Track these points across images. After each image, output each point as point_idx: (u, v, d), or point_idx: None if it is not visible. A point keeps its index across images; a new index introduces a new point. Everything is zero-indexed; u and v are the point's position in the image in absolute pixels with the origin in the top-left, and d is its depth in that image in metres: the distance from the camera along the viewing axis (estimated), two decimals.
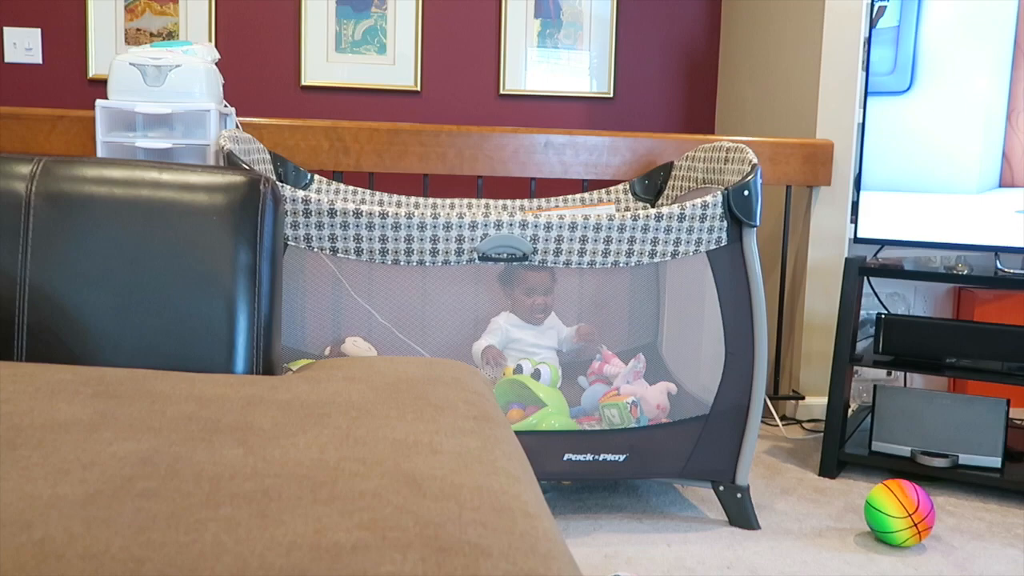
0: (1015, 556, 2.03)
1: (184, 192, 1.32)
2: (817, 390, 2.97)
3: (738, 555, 1.98)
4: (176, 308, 1.28)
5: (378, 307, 2.10)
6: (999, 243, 2.40)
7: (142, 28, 3.35)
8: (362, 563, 0.63)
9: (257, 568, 0.62)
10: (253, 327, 1.29)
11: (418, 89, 3.51)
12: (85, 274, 1.27)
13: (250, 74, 3.40)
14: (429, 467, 0.83)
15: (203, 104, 2.22)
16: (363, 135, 2.64)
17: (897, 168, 2.51)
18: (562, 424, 2.06)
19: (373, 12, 3.44)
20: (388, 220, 1.95)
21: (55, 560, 0.62)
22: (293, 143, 2.60)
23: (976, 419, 2.38)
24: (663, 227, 2.01)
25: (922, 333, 2.46)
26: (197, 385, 1.07)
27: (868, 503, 2.06)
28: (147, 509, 0.70)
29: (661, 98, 3.72)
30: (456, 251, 1.99)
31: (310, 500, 0.73)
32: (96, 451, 0.82)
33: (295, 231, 1.94)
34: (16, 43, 3.32)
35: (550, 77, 3.60)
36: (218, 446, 0.85)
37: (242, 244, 1.30)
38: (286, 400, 1.03)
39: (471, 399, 1.09)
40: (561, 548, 0.72)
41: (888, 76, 2.50)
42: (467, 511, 0.73)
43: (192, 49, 2.29)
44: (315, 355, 2.14)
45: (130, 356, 1.24)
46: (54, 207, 1.28)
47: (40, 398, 0.97)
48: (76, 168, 1.33)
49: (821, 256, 2.97)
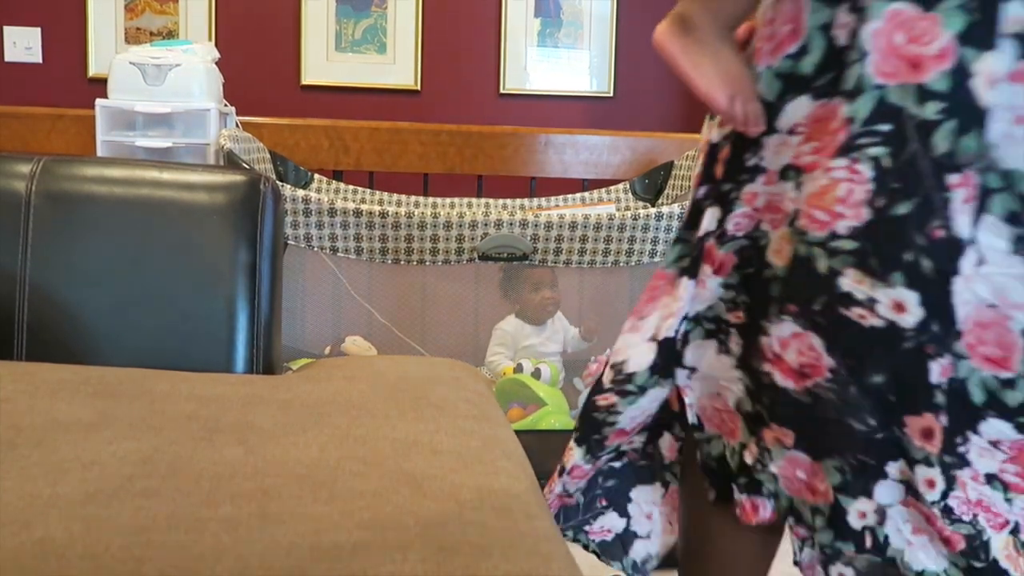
0: None
1: (184, 191, 1.32)
2: None
3: None
4: (176, 307, 1.28)
5: (378, 307, 2.10)
6: None
7: (142, 27, 3.35)
8: (362, 563, 0.63)
9: (257, 568, 0.62)
10: (253, 327, 1.29)
11: (418, 89, 3.51)
12: (85, 274, 1.27)
13: (250, 74, 3.40)
14: (429, 467, 0.83)
15: (203, 103, 2.22)
16: (363, 134, 2.64)
17: None
18: (562, 423, 2.06)
19: (373, 11, 3.44)
20: (388, 219, 1.95)
21: (55, 560, 0.62)
22: (293, 142, 2.59)
23: None
24: (663, 226, 2.01)
25: None
26: (197, 385, 1.07)
27: None
28: (147, 509, 0.70)
29: (661, 97, 3.72)
30: (456, 251, 1.99)
31: (310, 500, 0.73)
32: (96, 451, 0.82)
33: (295, 230, 1.94)
34: (16, 42, 3.32)
35: (550, 76, 3.60)
36: (218, 446, 0.85)
37: (242, 243, 1.30)
38: (286, 400, 1.03)
39: (471, 399, 1.09)
40: (561, 548, 0.72)
41: None
42: (467, 511, 0.73)
43: (192, 48, 2.29)
44: (315, 355, 2.14)
45: (130, 356, 1.24)
46: (54, 207, 1.28)
47: (40, 398, 0.97)
48: (76, 167, 1.33)
49: None
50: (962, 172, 0.82)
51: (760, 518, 1.02)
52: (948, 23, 0.80)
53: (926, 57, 0.81)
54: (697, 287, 0.99)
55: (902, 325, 0.85)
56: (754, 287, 0.97)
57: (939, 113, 0.81)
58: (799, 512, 0.99)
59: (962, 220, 0.82)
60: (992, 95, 0.80)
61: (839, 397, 0.89)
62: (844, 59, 0.85)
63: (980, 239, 0.83)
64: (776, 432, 0.96)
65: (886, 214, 0.84)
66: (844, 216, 0.85)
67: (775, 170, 0.93)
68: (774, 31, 0.90)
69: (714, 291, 0.99)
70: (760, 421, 0.98)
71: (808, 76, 0.88)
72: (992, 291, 0.84)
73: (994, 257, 0.83)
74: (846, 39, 0.85)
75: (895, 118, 0.83)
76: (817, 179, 0.87)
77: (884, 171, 0.83)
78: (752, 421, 0.99)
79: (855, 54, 0.84)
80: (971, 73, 0.80)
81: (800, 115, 0.89)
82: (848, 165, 0.85)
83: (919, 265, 0.83)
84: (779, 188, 0.93)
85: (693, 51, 0.94)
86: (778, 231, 0.93)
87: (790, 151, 0.91)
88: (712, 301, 1.00)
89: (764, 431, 0.98)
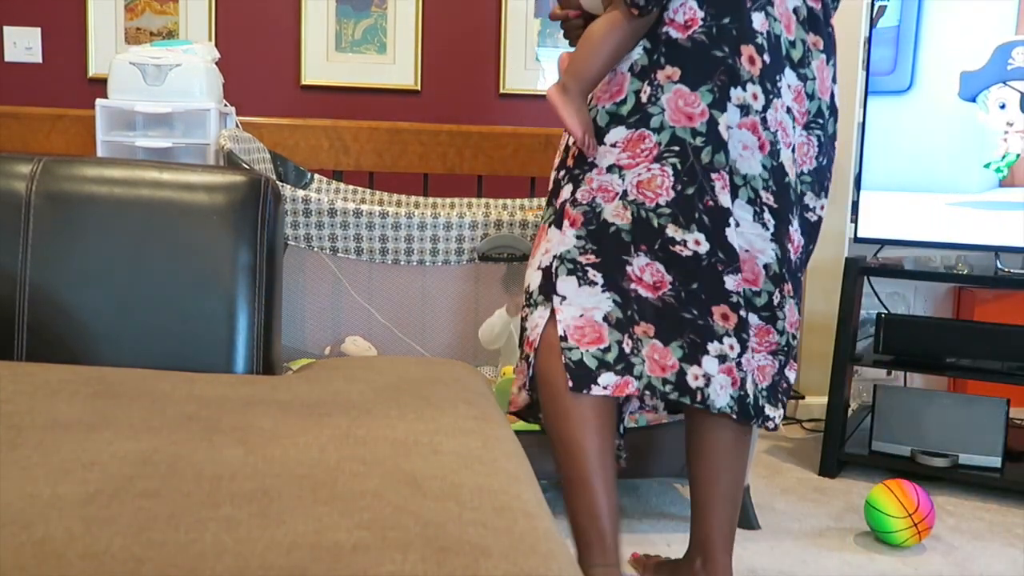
0: (1015, 556, 2.03)
1: (184, 192, 1.32)
2: (817, 390, 2.97)
3: (738, 555, 1.98)
4: (176, 308, 1.28)
5: (378, 307, 2.10)
6: (999, 243, 2.40)
7: (142, 27, 3.35)
8: (362, 563, 0.63)
9: (257, 568, 0.62)
10: (253, 327, 1.29)
11: (418, 89, 3.51)
12: (85, 274, 1.27)
13: (250, 74, 3.40)
14: (429, 467, 0.83)
15: (203, 103, 2.22)
16: (363, 134, 2.64)
17: (897, 168, 2.51)
18: None
19: (373, 11, 3.44)
20: (388, 219, 1.95)
21: (55, 560, 0.62)
22: (293, 142, 2.60)
23: (976, 419, 2.38)
24: None
25: (922, 333, 2.46)
26: (197, 385, 1.07)
27: (868, 503, 2.06)
28: (147, 509, 0.70)
29: None
30: (456, 251, 1.99)
31: (310, 500, 0.73)
32: (96, 451, 0.82)
33: (295, 231, 1.94)
34: (16, 42, 3.32)
35: (550, 76, 3.60)
36: (218, 446, 0.85)
37: (242, 244, 1.30)
38: (286, 400, 1.03)
39: (471, 399, 1.09)
40: (561, 548, 0.72)
41: (888, 76, 2.50)
42: (467, 511, 0.73)
43: (192, 48, 2.29)
44: (315, 355, 2.13)
45: (130, 356, 1.24)
46: (54, 207, 1.28)
47: (40, 398, 0.97)
48: (76, 168, 1.33)
49: (821, 256, 2.96)
50: (719, 172, 1.48)
51: (628, 392, 1.53)
52: (703, 97, 1.47)
53: (695, 113, 1.48)
54: (561, 234, 1.56)
55: (700, 253, 1.51)
56: (603, 239, 1.54)
57: (702, 142, 1.48)
58: (653, 386, 1.54)
59: (724, 197, 1.49)
60: (727, 135, 1.48)
61: (676, 299, 1.53)
62: (646, 109, 1.49)
63: (736, 212, 1.50)
64: (643, 327, 1.54)
65: (683, 193, 1.50)
66: (662, 195, 1.50)
67: (603, 167, 1.53)
68: (609, 88, 1.53)
69: (571, 239, 1.56)
70: (632, 322, 1.54)
71: (624, 115, 1.51)
72: (746, 242, 1.52)
73: (744, 223, 1.51)
74: (647, 99, 1.49)
75: (681, 144, 1.49)
76: (641, 174, 1.50)
77: (678, 171, 1.49)
78: (623, 324, 1.54)
79: (657, 108, 1.48)
80: (717, 122, 1.47)
81: (618, 137, 1.51)
82: (660, 167, 1.50)
83: (703, 220, 1.50)
84: (607, 177, 1.53)
85: (567, 105, 1.54)
86: (611, 204, 1.53)
87: (612, 157, 1.52)
88: (569, 246, 1.55)
89: (635, 328, 1.54)
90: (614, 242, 1.53)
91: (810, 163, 1.57)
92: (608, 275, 1.53)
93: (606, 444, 1.56)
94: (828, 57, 1.56)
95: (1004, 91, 2.35)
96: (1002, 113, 2.36)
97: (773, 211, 1.51)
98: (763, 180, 1.50)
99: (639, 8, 1.46)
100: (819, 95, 1.54)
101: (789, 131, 1.51)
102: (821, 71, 1.55)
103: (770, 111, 1.48)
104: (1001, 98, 2.35)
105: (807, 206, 1.59)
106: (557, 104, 1.55)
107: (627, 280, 1.53)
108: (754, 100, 1.47)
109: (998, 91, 2.36)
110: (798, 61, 1.51)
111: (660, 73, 1.48)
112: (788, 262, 1.55)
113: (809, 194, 1.59)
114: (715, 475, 1.62)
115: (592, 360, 1.52)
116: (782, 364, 1.61)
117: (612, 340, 1.53)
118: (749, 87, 1.47)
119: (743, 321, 1.52)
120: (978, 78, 2.38)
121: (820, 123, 1.56)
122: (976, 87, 2.38)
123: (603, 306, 1.53)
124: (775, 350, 1.59)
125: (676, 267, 1.51)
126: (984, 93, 2.37)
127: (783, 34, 1.49)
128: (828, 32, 1.57)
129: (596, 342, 1.53)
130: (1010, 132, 2.36)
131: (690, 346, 1.53)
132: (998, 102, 2.36)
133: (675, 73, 1.47)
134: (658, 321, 1.53)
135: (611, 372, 1.52)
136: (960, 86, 2.40)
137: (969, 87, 2.39)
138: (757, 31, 1.47)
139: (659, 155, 1.48)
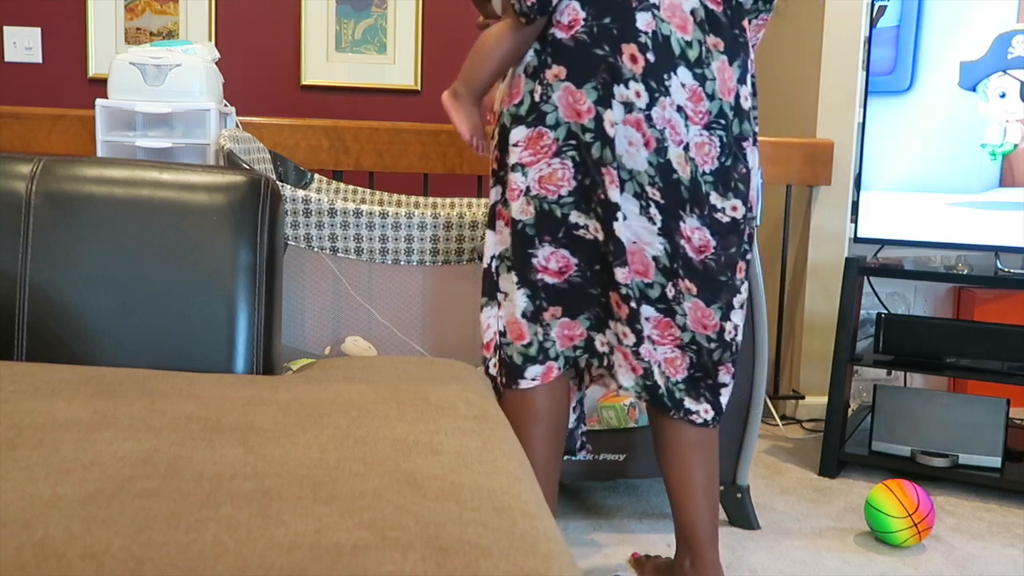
0: (1015, 556, 2.03)
1: (184, 192, 1.32)
2: (817, 390, 2.97)
3: (738, 555, 1.98)
4: (176, 308, 1.28)
5: (378, 307, 2.10)
6: (999, 243, 2.40)
7: (142, 27, 3.35)
8: (362, 563, 0.63)
9: (257, 568, 0.62)
10: (253, 327, 1.29)
11: (418, 89, 3.51)
12: (85, 274, 1.27)
13: (250, 74, 3.40)
14: (429, 467, 0.83)
15: (203, 103, 2.22)
16: (363, 134, 2.64)
17: (897, 168, 2.51)
18: None
19: (373, 11, 3.44)
20: (388, 219, 1.95)
21: (55, 560, 0.62)
22: (293, 143, 2.60)
23: (976, 419, 2.38)
24: None
25: (922, 333, 2.46)
26: (197, 385, 1.07)
27: (868, 503, 2.06)
28: (147, 509, 0.70)
29: None
30: (456, 251, 1.99)
31: (310, 500, 0.73)
32: (96, 451, 0.82)
33: (295, 231, 1.94)
34: (16, 42, 3.32)
35: None
36: (218, 446, 0.85)
37: (242, 244, 1.30)
38: (286, 400, 1.03)
39: (471, 399, 1.09)
40: (561, 548, 0.72)
41: (888, 76, 2.50)
42: (467, 511, 0.73)
43: (192, 48, 2.29)
44: (315, 355, 2.13)
45: (130, 356, 1.24)
46: (54, 207, 1.28)
47: (40, 398, 0.97)
48: (76, 168, 1.33)
49: (821, 256, 2.97)
50: (607, 167, 1.53)
51: (555, 376, 1.65)
52: (588, 95, 1.52)
53: (582, 110, 1.53)
54: (496, 235, 1.67)
55: (599, 239, 1.58)
56: (513, 236, 1.62)
57: (592, 138, 1.53)
58: (568, 358, 1.67)
59: (613, 192, 1.53)
60: (613, 131, 1.52)
61: (582, 278, 1.62)
62: (540, 108, 1.56)
63: (623, 205, 1.55)
64: (551, 311, 1.64)
65: (582, 184, 1.57)
66: (564, 186, 1.57)
67: (510, 166, 1.60)
68: (509, 92, 1.61)
69: (507, 238, 1.64)
70: (541, 310, 1.64)
71: (523, 115, 1.58)
72: (633, 234, 1.57)
73: (631, 215, 1.56)
74: (539, 98, 1.56)
75: (576, 139, 1.55)
76: (542, 169, 1.57)
77: (576, 164, 1.56)
78: (535, 316, 1.64)
79: (550, 106, 1.55)
80: (603, 119, 1.52)
81: (520, 136, 1.58)
82: (560, 161, 1.56)
83: (598, 210, 1.56)
84: (513, 176, 1.60)
85: (458, 109, 1.69)
86: (516, 202, 1.60)
87: (516, 156, 1.59)
88: (506, 244, 1.65)
89: (544, 314, 1.64)
90: (520, 238, 1.60)
91: (711, 163, 1.55)
92: (520, 272, 1.62)
93: (551, 430, 1.69)
94: (732, 59, 1.55)
95: (1004, 80, 2.35)
96: (1002, 102, 2.36)
97: (660, 206, 1.54)
98: (648, 176, 1.53)
99: (526, 17, 1.52)
100: (720, 95, 1.54)
101: (680, 129, 1.52)
102: (723, 72, 1.54)
103: (656, 109, 1.51)
104: (1001, 87, 2.35)
105: (714, 206, 1.57)
106: (448, 108, 1.69)
107: (533, 272, 1.61)
108: (637, 98, 1.50)
109: (998, 80, 2.36)
110: (695, 61, 1.52)
111: (548, 72, 1.54)
112: (682, 258, 1.57)
113: (714, 194, 1.57)
114: (686, 473, 1.67)
115: (519, 356, 1.65)
116: (700, 361, 1.63)
117: (531, 335, 1.65)
118: (632, 85, 1.50)
119: (634, 312, 1.57)
120: (978, 67, 2.38)
121: (723, 123, 1.55)
122: (976, 76, 2.38)
123: (519, 303, 1.63)
124: (681, 345, 1.62)
125: (581, 250, 1.59)
126: (984, 82, 2.37)
127: (674, 34, 1.51)
128: (733, 34, 1.56)
129: (519, 338, 1.65)
130: (1010, 121, 2.36)
131: (595, 318, 1.64)
132: (998, 91, 2.36)
133: (561, 72, 1.53)
134: (565, 301, 1.63)
135: (535, 364, 1.65)
136: (960, 75, 2.40)
137: (969, 76, 2.39)
138: (641, 30, 1.50)
139: (558, 150, 1.55)
